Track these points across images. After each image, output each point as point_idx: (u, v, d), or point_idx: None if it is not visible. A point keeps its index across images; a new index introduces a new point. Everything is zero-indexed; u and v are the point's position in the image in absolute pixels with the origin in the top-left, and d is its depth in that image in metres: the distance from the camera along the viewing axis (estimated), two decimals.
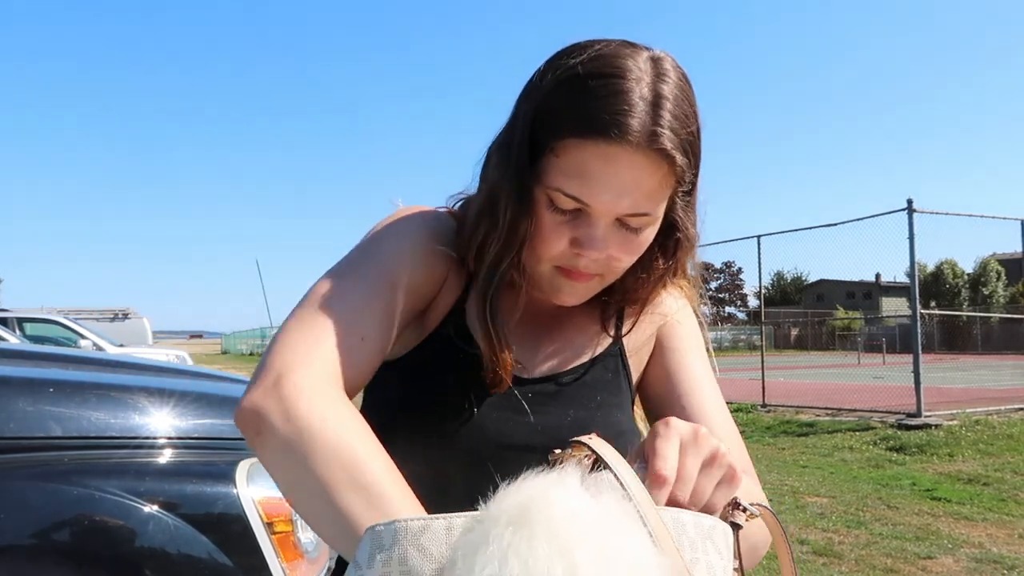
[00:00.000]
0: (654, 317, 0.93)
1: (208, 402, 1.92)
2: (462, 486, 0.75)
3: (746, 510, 0.67)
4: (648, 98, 0.73)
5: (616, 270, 0.82)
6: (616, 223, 0.77)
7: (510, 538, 0.49)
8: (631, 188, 0.74)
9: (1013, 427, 8.48)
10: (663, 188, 0.77)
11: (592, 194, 0.75)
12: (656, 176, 0.75)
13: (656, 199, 0.77)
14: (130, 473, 1.65)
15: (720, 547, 0.63)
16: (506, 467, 0.65)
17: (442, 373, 0.83)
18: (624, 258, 0.80)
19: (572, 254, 0.78)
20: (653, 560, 0.52)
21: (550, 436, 0.80)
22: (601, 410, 0.87)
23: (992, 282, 48.18)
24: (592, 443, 0.61)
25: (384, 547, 0.55)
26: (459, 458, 0.80)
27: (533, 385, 0.86)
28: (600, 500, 0.54)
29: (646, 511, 0.57)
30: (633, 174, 0.74)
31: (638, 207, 0.76)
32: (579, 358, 0.89)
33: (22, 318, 15.02)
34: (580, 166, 0.74)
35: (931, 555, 4.35)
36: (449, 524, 0.56)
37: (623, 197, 0.75)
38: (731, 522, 0.66)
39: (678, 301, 0.95)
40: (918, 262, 9.52)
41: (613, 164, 0.73)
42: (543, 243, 0.79)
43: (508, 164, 0.79)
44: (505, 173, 0.79)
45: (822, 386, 13.56)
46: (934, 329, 28.83)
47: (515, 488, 0.53)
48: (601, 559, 0.49)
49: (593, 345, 0.90)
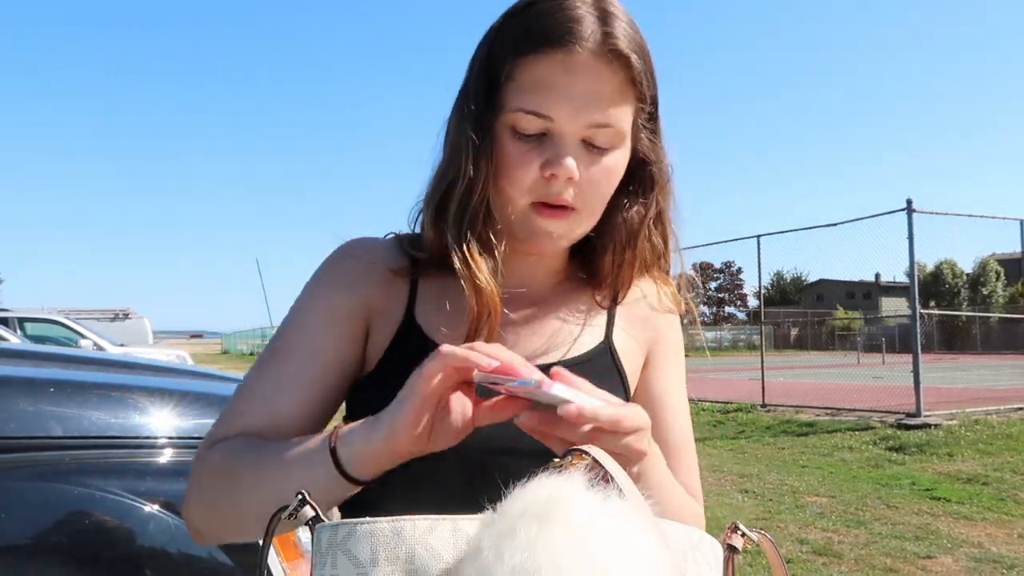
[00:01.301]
0: (646, 330, 0.93)
1: (208, 402, 1.92)
2: (448, 490, 0.75)
3: (745, 535, 0.68)
4: (595, 13, 0.76)
5: (591, 202, 0.81)
6: (582, 144, 0.78)
7: (537, 530, 0.50)
8: (591, 96, 0.76)
9: (1012, 427, 8.48)
10: (623, 97, 0.78)
11: (553, 105, 0.75)
12: (614, 81, 0.77)
13: (617, 109, 0.78)
14: (131, 473, 1.65)
15: (710, 560, 0.64)
16: (491, 471, 0.66)
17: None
18: (596, 183, 0.80)
19: (543, 181, 0.78)
20: (667, 557, 0.54)
21: (535, 438, 0.79)
22: None
23: (991, 282, 48.15)
24: (592, 451, 0.62)
25: (388, 546, 0.55)
26: (442, 463, 0.77)
27: None
28: (610, 502, 0.55)
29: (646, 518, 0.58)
30: (590, 80, 0.76)
31: (600, 117, 0.77)
32: (566, 357, 0.87)
33: (23, 318, 15.02)
34: (538, 80, 0.76)
35: (931, 555, 4.36)
36: (455, 526, 0.56)
37: (584, 106, 0.76)
38: (728, 544, 0.67)
39: (670, 319, 0.95)
40: (918, 262, 9.52)
41: (570, 72, 0.75)
42: (513, 175, 0.79)
43: (466, 108, 0.80)
44: (464, 117, 0.80)
45: (822, 386, 13.56)
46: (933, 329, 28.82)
47: (534, 486, 0.55)
48: (623, 554, 0.51)
49: (581, 345, 0.89)
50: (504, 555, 0.50)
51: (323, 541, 0.58)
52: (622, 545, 0.51)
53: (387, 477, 0.79)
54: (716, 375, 18.42)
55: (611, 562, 0.50)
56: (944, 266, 49.55)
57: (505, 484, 0.56)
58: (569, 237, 0.83)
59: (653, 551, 0.53)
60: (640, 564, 0.51)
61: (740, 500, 5.80)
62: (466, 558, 0.54)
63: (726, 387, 14.00)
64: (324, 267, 0.88)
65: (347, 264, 0.87)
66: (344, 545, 0.57)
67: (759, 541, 0.69)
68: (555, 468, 0.61)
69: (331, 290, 0.85)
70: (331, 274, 0.87)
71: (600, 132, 0.78)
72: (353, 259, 0.87)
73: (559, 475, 0.56)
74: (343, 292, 0.85)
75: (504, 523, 0.52)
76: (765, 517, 5.27)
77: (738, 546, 0.68)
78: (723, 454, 7.95)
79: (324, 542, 0.59)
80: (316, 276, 0.87)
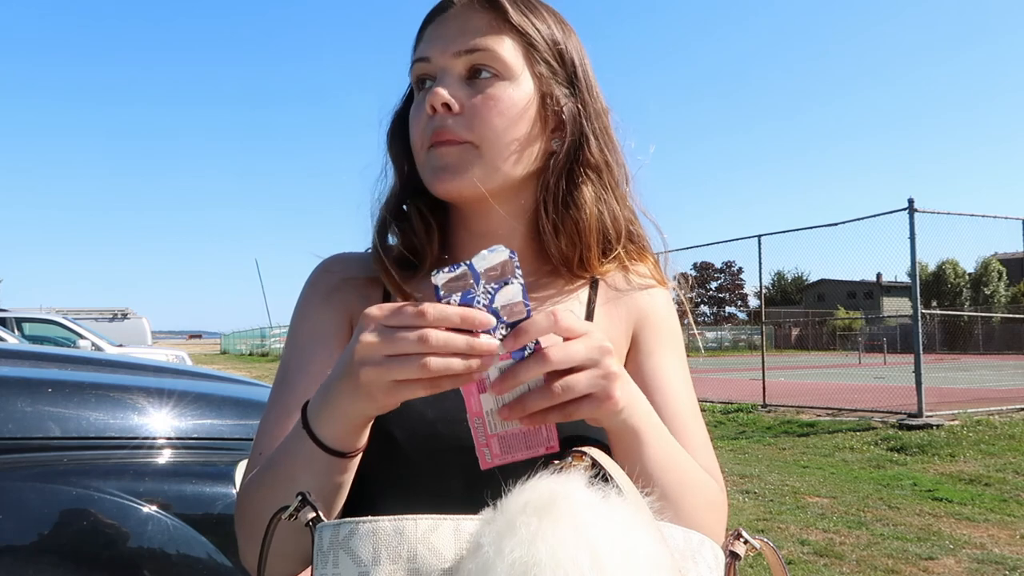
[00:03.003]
0: (630, 311, 0.90)
1: (208, 402, 1.91)
2: (449, 497, 0.74)
3: (747, 542, 0.68)
4: None
5: (483, 131, 0.81)
6: (464, 79, 0.82)
7: (537, 525, 0.51)
8: (459, 31, 0.82)
9: (1015, 427, 8.48)
10: (496, 30, 0.83)
11: (428, 47, 0.83)
12: (484, 18, 0.83)
13: (488, 39, 0.82)
14: (129, 473, 1.64)
15: (710, 563, 0.64)
16: (475, 471, 0.65)
17: None
18: (480, 112, 0.81)
19: (429, 118, 0.81)
20: (665, 553, 0.54)
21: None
22: None
23: (993, 282, 48.18)
24: (592, 453, 0.63)
25: (390, 545, 0.55)
26: (443, 469, 0.77)
27: None
28: (608, 500, 0.56)
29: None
30: (459, 21, 0.83)
31: (469, 43, 0.82)
32: None
33: (21, 318, 15.03)
34: (423, 37, 0.86)
35: (932, 556, 4.34)
36: (457, 526, 0.56)
37: (452, 40, 0.82)
38: (730, 551, 0.67)
39: (653, 296, 0.91)
40: (919, 262, 9.52)
41: (443, 22, 0.84)
42: (413, 126, 0.84)
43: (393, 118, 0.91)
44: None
45: (823, 386, 13.56)
46: (935, 329, 28.83)
47: (534, 483, 0.55)
48: (622, 548, 0.51)
49: None
50: (504, 550, 0.50)
51: (324, 540, 0.58)
52: (621, 540, 0.52)
53: (388, 481, 0.78)
54: (717, 375, 18.42)
55: (610, 556, 0.50)
56: (946, 266, 49.60)
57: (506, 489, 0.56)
58: (471, 174, 0.82)
59: (651, 547, 0.53)
60: (638, 559, 0.52)
61: (741, 501, 5.79)
62: (467, 554, 0.54)
63: (727, 387, 14.00)
64: (305, 287, 0.92)
65: (323, 279, 0.90)
66: (346, 544, 0.57)
67: (761, 548, 0.69)
68: (555, 468, 0.60)
69: (313, 308, 0.89)
70: (311, 292, 0.91)
71: (474, 59, 0.82)
72: (329, 274, 0.90)
73: (559, 473, 0.57)
74: (324, 308, 0.88)
75: (504, 519, 0.53)
76: (766, 518, 5.26)
77: (740, 553, 0.68)
78: (724, 454, 7.93)
79: (326, 541, 0.58)
80: (300, 297, 0.92)
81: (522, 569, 0.49)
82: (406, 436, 0.78)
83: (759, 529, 4.94)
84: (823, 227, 11.03)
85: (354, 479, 0.81)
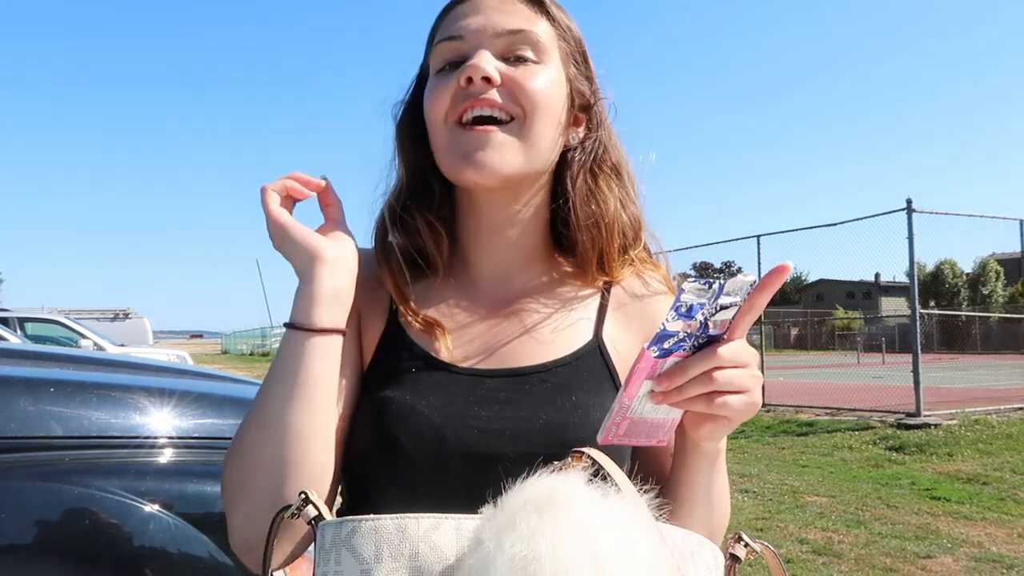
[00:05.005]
0: (643, 317, 0.89)
1: (209, 402, 1.92)
2: (448, 499, 0.72)
3: (747, 545, 0.68)
4: None
5: (527, 103, 0.80)
6: (500, 59, 0.81)
7: (537, 521, 0.51)
8: (498, 11, 0.81)
9: (1012, 427, 8.48)
10: (532, 14, 0.83)
11: (461, 26, 0.81)
12: (518, 4, 0.82)
13: (527, 21, 0.82)
14: (130, 473, 1.64)
15: (709, 564, 0.65)
16: (477, 476, 0.66)
17: (391, 384, 0.81)
18: (521, 85, 0.80)
19: (462, 90, 0.80)
20: (664, 552, 0.55)
21: (521, 440, 0.76)
22: (577, 411, 0.79)
23: (991, 282, 48.12)
24: (593, 454, 0.63)
25: (392, 543, 0.56)
26: (444, 471, 0.76)
27: (498, 386, 0.81)
28: (608, 499, 0.56)
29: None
30: (494, 4, 0.82)
31: (509, 23, 0.81)
32: (551, 356, 0.83)
33: (23, 318, 15.00)
34: (450, 18, 0.83)
35: (930, 554, 4.35)
36: (458, 524, 0.56)
37: (489, 19, 0.81)
38: (730, 554, 0.68)
39: (665, 304, 0.90)
40: (917, 262, 9.52)
41: (476, 4, 0.82)
42: (435, 100, 0.82)
43: (401, 108, 0.90)
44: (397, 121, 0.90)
45: (822, 386, 13.54)
46: (933, 329, 28.79)
47: (534, 481, 0.55)
48: (621, 546, 0.52)
49: (569, 343, 0.85)
50: (504, 545, 0.51)
51: (326, 538, 0.58)
52: (620, 538, 0.52)
53: (390, 484, 0.78)
54: None
55: (609, 553, 0.51)
56: (944, 266, 49.55)
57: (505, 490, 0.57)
58: (502, 156, 0.80)
59: (651, 545, 0.54)
60: (637, 556, 0.52)
61: (740, 500, 5.79)
62: (467, 550, 0.54)
63: None
64: None
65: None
66: (348, 542, 0.57)
67: (761, 551, 0.69)
68: (554, 468, 0.61)
69: None
70: None
71: (515, 40, 0.81)
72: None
73: (559, 472, 0.57)
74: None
75: (504, 515, 0.53)
76: (765, 517, 5.27)
77: (741, 556, 0.68)
78: None
79: (327, 539, 0.58)
80: None
81: (522, 564, 0.49)
82: (411, 440, 0.76)
83: (758, 528, 4.95)
84: (822, 227, 11.03)
85: (356, 480, 0.82)
